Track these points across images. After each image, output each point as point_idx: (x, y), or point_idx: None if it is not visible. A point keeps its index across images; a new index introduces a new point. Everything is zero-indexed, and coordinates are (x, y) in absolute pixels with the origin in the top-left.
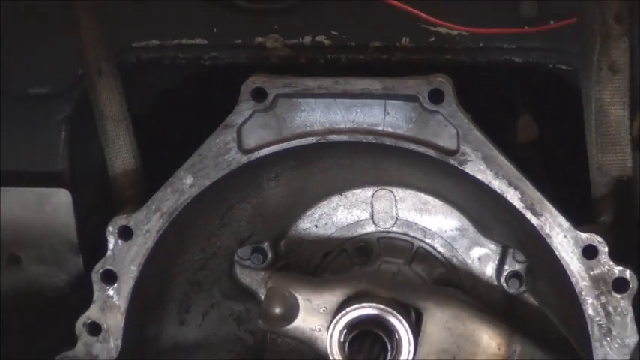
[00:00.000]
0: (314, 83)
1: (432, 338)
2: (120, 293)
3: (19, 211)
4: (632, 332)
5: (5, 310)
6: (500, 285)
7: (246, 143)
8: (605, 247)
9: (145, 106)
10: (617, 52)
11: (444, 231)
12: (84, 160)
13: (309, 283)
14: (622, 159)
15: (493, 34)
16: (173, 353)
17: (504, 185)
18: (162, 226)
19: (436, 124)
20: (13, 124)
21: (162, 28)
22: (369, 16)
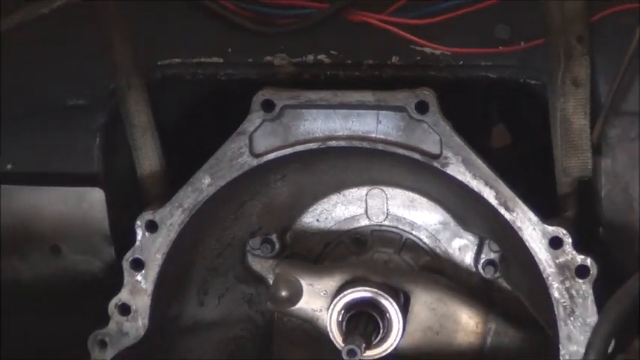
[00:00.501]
0: (316, 96)
1: (418, 318)
2: (147, 278)
3: (59, 207)
4: (592, 313)
5: (47, 293)
6: (477, 271)
7: (256, 148)
8: (569, 238)
9: (169, 115)
10: (579, 69)
11: (428, 224)
12: (116, 163)
13: (312, 269)
14: (583, 162)
15: (471, 54)
16: (193, 330)
17: (481, 185)
18: (184, 221)
19: (422, 132)
20: (54, 132)
21: (183, 48)
22: (363, 37)
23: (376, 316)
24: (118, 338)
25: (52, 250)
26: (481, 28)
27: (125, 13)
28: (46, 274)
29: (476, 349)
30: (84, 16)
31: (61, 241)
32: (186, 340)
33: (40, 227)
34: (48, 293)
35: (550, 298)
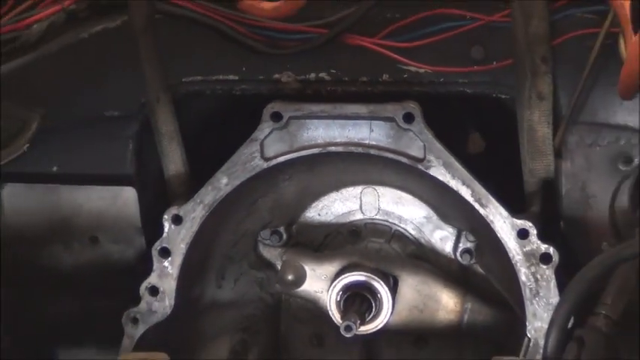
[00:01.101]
0: (317, 108)
1: (405, 298)
2: (173, 264)
3: (97, 203)
4: (554, 294)
5: (86, 277)
6: (456, 259)
7: (266, 153)
8: (535, 230)
9: (192, 125)
10: (543, 85)
11: (414, 218)
12: (146, 165)
13: (314, 257)
14: (547, 165)
15: (450, 72)
16: (212, 309)
17: (459, 184)
18: (204, 215)
19: (408, 139)
20: (94, 139)
21: (204, 67)
22: (358, 58)
23: (369, 296)
24: (148, 316)
25: (91, 240)
26: (459, 50)
27: (154, 38)
28: (86, 261)
29: (454, 325)
30: (119, 39)
31: (99, 233)
32: (206, 318)
33: (81, 220)
34: (87, 278)
35: (518, 281)
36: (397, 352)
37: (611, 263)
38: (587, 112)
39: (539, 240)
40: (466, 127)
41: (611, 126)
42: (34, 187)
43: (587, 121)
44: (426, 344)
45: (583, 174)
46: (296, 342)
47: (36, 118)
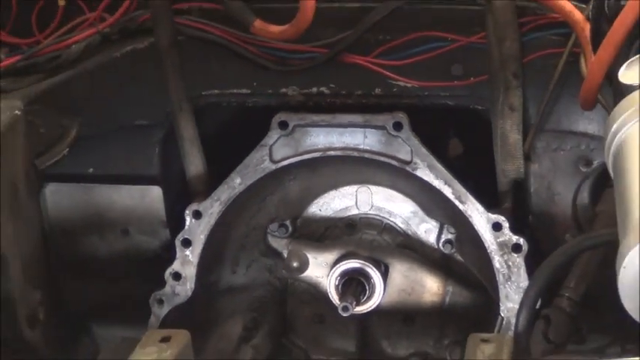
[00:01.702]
0: (318, 118)
1: (394, 282)
2: (193, 253)
3: (128, 200)
4: (524, 279)
5: (118, 264)
6: (439, 248)
7: (274, 156)
8: (507, 223)
9: (210, 131)
10: (514, 98)
11: (402, 213)
12: (170, 167)
13: (316, 247)
14: (517, 167)
15: (434, 86)
16: (227, 292)
17: (442, 184)
18: (221, 210)
19: (397, 144)
20: (125, 144)
21: (220, 82)
22: (354, 74)
23: (363, 281)
24: (172, 298)
25: (122, 232)
26: (441, 67)
27: (177, 57)
28: (118, 250)
29: (438, 306)
30: (147, 58)
31: (129, 226)
32: (222, 299)
33: (113, 215)
34: (118, 264)
35: (493, 267)
36: (388, 329)
37: (573, 252)
38: (553, 121)
39: (511, 232)
40: (447, 134)
41: (574, 133)
42: (73, 187)
43: (553, 129)
44: (413, 322)
45: (549, 175)
46: (300, 320)
47: (74, 126)
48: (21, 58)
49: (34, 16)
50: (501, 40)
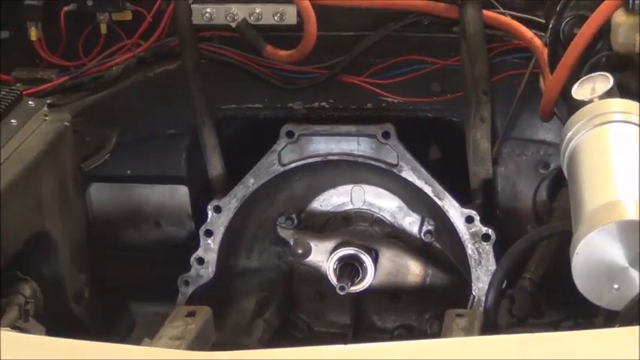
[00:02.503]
0: (319, 128)
1: (383, 266)
2: (214, 242)
3: (159, 197)
4: (492, 263)
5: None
6: (420, 237)
7: (283, 160)
8: (478, 217)
9: (229, 139)
10: (484, 111)
11: (390, 208)
12: (195, 169)
13: (317, 236)
14: (487, 169)
15: (417, 102)
16: (242, 275)
17: (423, 183)
18: (237, 206)
19: (386, 150)
20: (157, 150)
21: (236, 98)
22: (349, 91)
23: (357, 265)
24: (196, 279)
25: (155, 224)
26: (422, 85)
27: (201, 76)
28: (151, 240)
29: (420, 286)
30: (175, 78)
31: (161, 219)
32: (238, 281)
33: (147, 210)
34: (152, 252)
35: (466, 254)
36: (378, 305)
37: (534, 240)
38: (517, 130)
39: (481, 224)
40: (428, 142)
41: (534, 141)
42: (113, 186)
43: (516, 137)
44: (398, 300)
45: (513, 176)
46: (303, 298)
47: (114, 135)
48: (69, 78)
49: (80, 42)
50: (473, 62)
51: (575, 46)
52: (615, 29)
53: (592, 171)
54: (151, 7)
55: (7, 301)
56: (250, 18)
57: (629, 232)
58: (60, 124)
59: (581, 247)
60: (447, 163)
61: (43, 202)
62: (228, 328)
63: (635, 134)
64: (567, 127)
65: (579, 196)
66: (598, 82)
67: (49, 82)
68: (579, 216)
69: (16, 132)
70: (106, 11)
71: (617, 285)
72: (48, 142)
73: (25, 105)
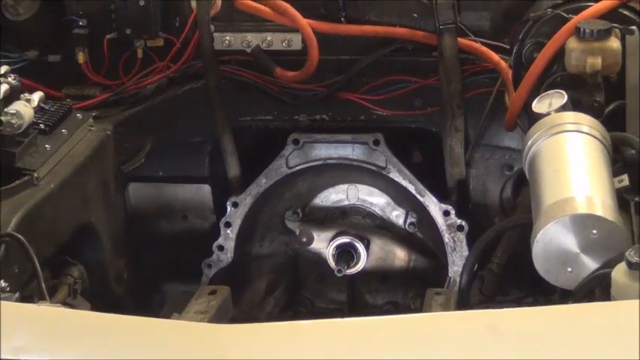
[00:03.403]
0: (320, 136)
1: (374, 252)
2: (232, 232)
3: (186, 194)
4: (466, 250)
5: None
6: (405, 228)
7: (289, 164)
8: (454, 211)
9: (244, 145)
10: (459, 123)
11: (380, 203)
12: (216, 171)
13: (319, 227)
14: (461, 171)
15: (402, 115)
16: (256, 259)
17: (407, 183)
18: (251, 202)
19: (376, 155)
20: (184, 154)
21: (251, 111)
22: (345, 106)
23: (352, 251)
24: (217, 263)
25: (182, 217)
26: (407, 101)
27: (221, 93)
28: (180, 230)
29: (404, 270)
30: (200, 94)
31: (188, 212)
32: (252, 265)
33: (177, 205)
34: (180, 240)
35: (443, 242)
36: (369, 285)
37: (500, 231)
38: (486, 139)
39: (456, 217)
40: (411, 148)
41: (500, 147)
42: (148, 185)
43: (486, 144)
44: (387, 281)
45: (483, 176)
46: (307, 279)
47: (149, 142)
48: (111, 94)
49: (120, 65)
50: (449, 82)
51: (534, 68)
52: (568, 54)
53: (549, 172)
54: (180, 35)
55: (59, 281)
56: (262, 44)
57: (580, 223)
58: (103, 133)
59: (540, 236)
60: (428, 166)
61: (89, 198)
62: (243, 305)
63: (585, 142)
64: (528, 136)
65: (538, 194)
66: (554, 98)
67: (94, 98)
68: (538, 210)
69: (66, 140)
70: (141, 39)
71: (571, 268)
72: (93, 148)
73: (74, 117)
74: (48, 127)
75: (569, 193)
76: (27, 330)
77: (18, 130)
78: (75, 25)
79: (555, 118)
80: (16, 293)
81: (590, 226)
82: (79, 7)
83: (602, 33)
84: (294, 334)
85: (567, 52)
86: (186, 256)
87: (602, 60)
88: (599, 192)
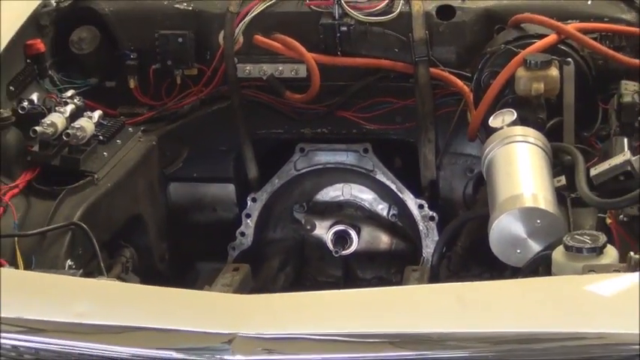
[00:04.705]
0: (321, 146)
1: (364, 238)
2: (252, 221)
3: (215, 192)
4: (436, 236)
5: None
6: (388, 218)
7: (297, 167)
8: (427, 204)
9: (261, 154)
10: (431, 135)
11: (368, 199)
12: (239, 172)
13: (320, 217)
14: (432, 173)
15: (386, 129)
16: (270, 243)
17: (390, 183)
18: (267, 197)
19: (366, 160)
20: (214, 160)
21: (266, 126)
22: (341, 122)
23: (346, 237)
24: (239, 246)
25: (212, 209)
26: (390, 117)
27: (243, 111)
28: (210, 220)
29: (388, 251)
30: (226, 112)
31: (217, 206)
32: (267, 247)
33: (207, 200)
34: (211, 227)
35: (419, 230)
36: (360, 263)
37: (463, 221)
38: (452, 147)
39: (429, 210)
40: (393, 155)
41: (464, 154)
42: (185, 184)
43: (452, 152)
44: (373, 260)
45: (450, 178)
46: (311, 259)
47: (185, 151)
48: (155, 113)
49: (163, 89)
50: (423, 102)
51: (491, 92)
52: (518, 80)
53: (502, 174)
54: (210, 65)
55: (114, 261)
56: (275, 73)
57: (527, 215)
58: (149, 143)
59: (495, 225)
60: (406, 170)
61: (138, 195)
62: (260, 279)
63: (531, 150)
64: (486, 145)
65: (494, 191)
66: (506, 115)
67: (142, 116)
68: (494, 204)
69: (120, 148)
70: (179, 69)
71: (519, 250)
72: (141, 155)
73: (126, 130)
74: (105, 138)
75: (518, 191)
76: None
77: (82, 140)
78: (127, 58)
79: (507, 131)
80: (80, 270)
81: (535, 216)
82: (130, 43)
83: (545, 64)
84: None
85: (517, 79)
86: (215, 240)
87: (544, 85)
88: (542, 190)
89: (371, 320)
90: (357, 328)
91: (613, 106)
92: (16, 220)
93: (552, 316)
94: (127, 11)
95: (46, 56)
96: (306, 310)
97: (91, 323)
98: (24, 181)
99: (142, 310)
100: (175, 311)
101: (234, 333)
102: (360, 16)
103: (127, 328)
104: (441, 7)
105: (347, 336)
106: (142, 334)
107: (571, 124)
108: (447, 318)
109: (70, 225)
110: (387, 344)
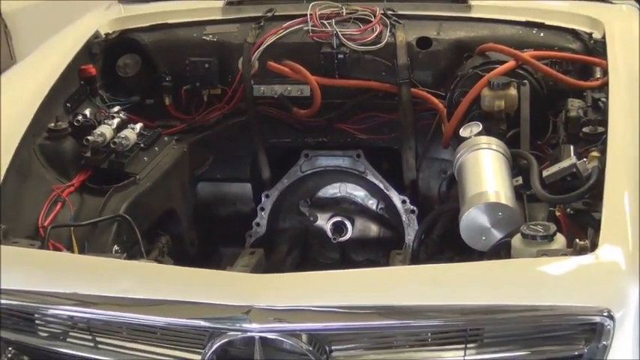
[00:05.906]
0: (322, 152)
1: (357, 227)
2: (265, 214)
3: (235, 190)
4: (416, 225)
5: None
6: (377, 211)
7: (302, 169)
8: (408, 200)
9: (273, 158)
10: (412, 143)
11: (360, 195)
12: (255, 174)
13: (321, 210)
14: (413, 175)
15: (376, 138)
16: (280, 232)
17: (378, 182)
18: (278, 194)
19: (359, 164)
20: (234, 164)
21: (277, 135)
22: (339, 132)
23: (343, 227)
24: (255, 234)
25: (232, 204)
26: (379, 129)
27: (259, 124)
28: (230, 213)
29: (376, 238)
30: (245, 125)
31: (237, 201)
32: (277, 235)
33: (229, 196)
34: (232, 219)
35: (402, 221)
36: (354, 248)
37: (438, 214)
38: (430, 153)
39: (410, 204)
40: (381, 159)
41: (439, 159)
42: (210, 184)
43: (430, 157)
44: (365, 246)
45: (428, 178)
46: (313, 244)
47: (210, 156)
48: (186, 125)
49: (192, 105)
50: (405, 116)
51: (461, 108)
52: (483, 98)
53: (470, 175)
54: (231, 86)
55: (152, 246)
56: (284, 92)
57: (491, 208)
58: (181, 150)
59: (465, 216)
60: (392, 171)
61: (172, 192)
62: (272, 261)
63: (494, 155)
64: (457, 152)
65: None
66: (473, 127)
67: (175, 127)
68: (463, 200)
69: (157, 154)
70: (206, 89)
71: (485, 237)
72: (175, 160)
73: (162, 139)
74: (145, 146)
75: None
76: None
77: (126, 148)
78: (163, 80)
79: (474, 140)
80: (124, 254)
81: (497, 210)
82: (166, 68)
83: (505, 85)
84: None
85: (482, 97)
86: (235, 229)
87: (505, 102)
88: (503, 188)
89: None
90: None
91: (561, 119)
92: (72, 213)
93: (511, 291)
94: (163, 42)
95: (97, 79)
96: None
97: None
98: (78, 181)
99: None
100: (202, 287)
101: (251, 305)
102: (354, 45)
103: (162, 301)
104: (420, 38)
105: (343, 308)
106: (174, 306)
107: (527, 134)
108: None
109: (117, 217)
110: (376, 315)
